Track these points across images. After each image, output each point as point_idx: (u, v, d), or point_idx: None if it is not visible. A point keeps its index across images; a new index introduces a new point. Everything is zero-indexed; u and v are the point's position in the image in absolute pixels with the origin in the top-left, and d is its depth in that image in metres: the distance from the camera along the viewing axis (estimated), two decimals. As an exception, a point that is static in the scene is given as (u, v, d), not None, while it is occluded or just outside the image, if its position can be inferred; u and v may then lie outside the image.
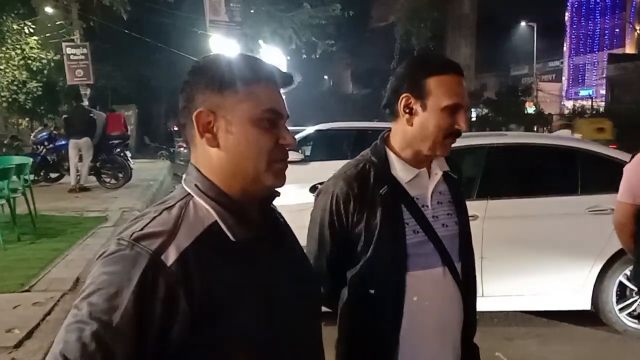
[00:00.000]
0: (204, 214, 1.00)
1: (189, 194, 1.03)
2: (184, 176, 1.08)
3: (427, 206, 1.50)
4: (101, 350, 0.86)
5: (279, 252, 1.08)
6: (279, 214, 1.19)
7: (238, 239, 0.99)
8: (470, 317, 1.59)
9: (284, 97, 1.07)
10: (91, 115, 10.76)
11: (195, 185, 1.03)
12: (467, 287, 1.55)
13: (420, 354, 1.48)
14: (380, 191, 1.48)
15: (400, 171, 1.51)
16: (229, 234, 0.99)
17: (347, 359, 1.56)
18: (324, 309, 1.25)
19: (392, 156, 1.53)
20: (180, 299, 0.91)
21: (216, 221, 0.99)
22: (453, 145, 1.52)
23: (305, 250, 1.51)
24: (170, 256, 0.92)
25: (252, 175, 1.02)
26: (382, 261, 1.46)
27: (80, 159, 10.36)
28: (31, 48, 14.97)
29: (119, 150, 10.95)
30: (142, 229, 0.95)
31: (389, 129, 1.59)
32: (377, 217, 1.46)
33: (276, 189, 1.07)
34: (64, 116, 11.60)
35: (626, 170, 2.61)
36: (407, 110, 1.48)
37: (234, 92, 1.00)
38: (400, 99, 1.48)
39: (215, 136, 1.01)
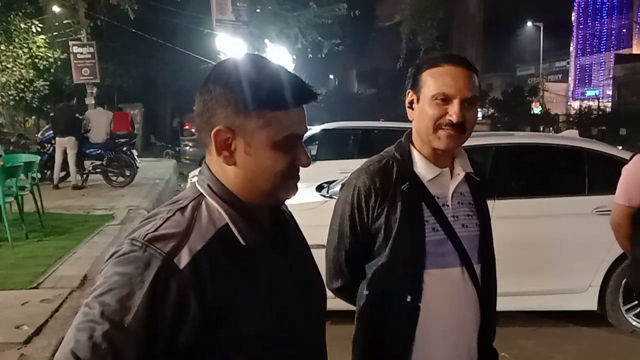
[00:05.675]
0: (216, 216, 1.01)
1: (202, 194, 1.03)
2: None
3: (448, 205, 1.51)
4: (112, 350, 0.87)
5: (286, 256, 1.08)
6: (290, 216, 1.19)
7: (248, 242, 1.00)
8: (490, 321, 1.58)
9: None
10: (76, 115, 10.76)
11: (208, 186, 1.03)
12: (486, 290, 1.55)
13: (435, 352, 1.49)
14: (402, 187, 1.49)
15: (422, 169, 1.52)
16: (239, 238, 1.00)
17: (364, 354, 1.57)
18: (331, 307, 1.26)
19: (415, 154, 1.54)
20: (190, 302, 0.92)
21: (227, 224, 1.00)
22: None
23: (325, 242, 1.53)
24: (183, 259, 0.93)
25: (267, 192, 1.03)
26: (400, 257, 1.47)
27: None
28: (38, 47, 15.00)
29: (125, 148, 10.98)
30: (155, 230, 0.96)
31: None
32: (397, 213, 1.47)
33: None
34: (51, 114, 11.63)
35: (624, 170, 2.59)
36: (409, 105, 1.55)
37: (259, 117, 0.98)
38: (406, 95, 1.55)
39: (232, 154, 1.00)
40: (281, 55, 16.59)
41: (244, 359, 0.97)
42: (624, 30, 46.36)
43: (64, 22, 15.16)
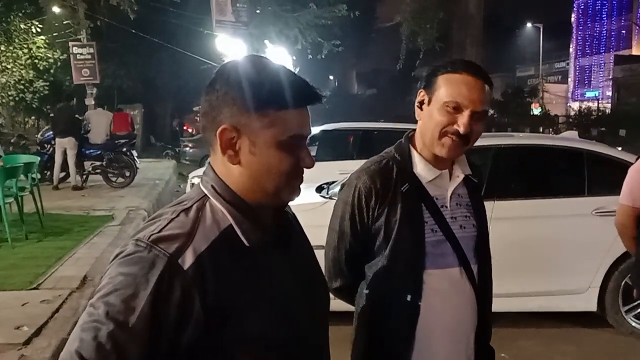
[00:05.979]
0: (220, 217, 1.01)
1: (206, 195, 1.04)
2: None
3: (446, 207, 1.53)
4: (116, 350, 0.88)
5: (289, 256, 1.09)
6: (294, 217, 1.20)
7: (251, 243, 1.01)
8: (486, 320, 1.60)
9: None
10: (76, 115, 10.79)
11: (212, 187, 1.04)
12: (482, 290, 1.56)
13: (435, 351, 1.50)
14: (402, 188, 1.51)
15: (422, 170, 1.53)
16: (243, 239, 1.01)
17: (364, 355, 1.57)
18: (334, 308, 1.27)
19: (415, 155, 1.55)
20: (194, 302, 0.93)
21: (231, 224, 1.01)
22: None
23: (325, 242, 1.54)
24: (187, 260, 0.94)
25: (271, 192, 1.03)
26: (400, 257, 1.48)
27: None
28: (38, 47, 15.01)
29: (125, 149, 10.99)
30: (160, 231, 0.96)
31: (414, 129, 1.61)
32: (397, 214, 1.48)
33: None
34: (51, 115, 11.64)
35: (629, 171, 2.59)
36: (419, 105, 1.54)
37: (263, 116, 0.99)
38: (418, 94, 1.55)
39: (237, 153, 1.01)
40: (281, 56, 16.59)
41: (248, 359, 0.97)
42: (624, 32, 46.31)
43: (64, 22, 15.17)
